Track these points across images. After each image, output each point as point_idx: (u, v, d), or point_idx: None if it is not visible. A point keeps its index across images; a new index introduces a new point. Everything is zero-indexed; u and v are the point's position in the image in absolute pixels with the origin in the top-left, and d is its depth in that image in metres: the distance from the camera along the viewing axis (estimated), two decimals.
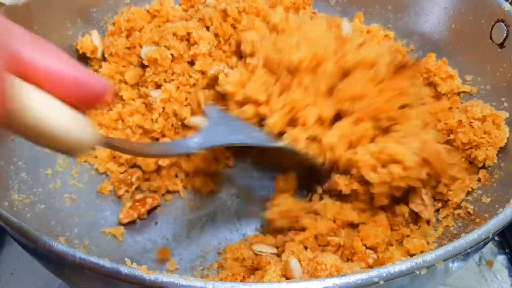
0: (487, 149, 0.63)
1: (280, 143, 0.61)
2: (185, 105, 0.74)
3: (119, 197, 0.72)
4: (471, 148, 0.64)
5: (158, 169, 0.74)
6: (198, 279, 0.39)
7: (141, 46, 0.76)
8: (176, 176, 0.75)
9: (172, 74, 0.73)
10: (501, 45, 0.68)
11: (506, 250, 0.79)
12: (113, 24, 0.82)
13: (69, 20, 0.80)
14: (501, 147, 0.63)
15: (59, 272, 0.53)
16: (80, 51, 0.78)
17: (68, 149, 0.35)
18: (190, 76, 0.73)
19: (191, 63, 0.74)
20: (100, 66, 0.78)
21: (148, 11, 0.83)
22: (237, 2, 0.74)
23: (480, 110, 0.64)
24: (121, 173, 0.73)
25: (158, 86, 0.74)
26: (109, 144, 0.44)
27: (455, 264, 0.52)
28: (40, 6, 0.73)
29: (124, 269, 0.40)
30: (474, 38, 0.73)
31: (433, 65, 0.73)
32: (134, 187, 0.72)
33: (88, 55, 0.78)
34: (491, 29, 0.69)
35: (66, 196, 0.69)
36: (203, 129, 0.60)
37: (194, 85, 0.74)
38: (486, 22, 0.70)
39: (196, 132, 0.63)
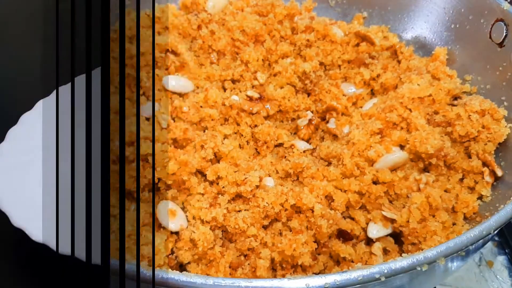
0: (485, 144, 0.62)
1: None
2: None
3: None
4: (468, 140, 0.63)
5: None
6: (198, 275, 0.39)
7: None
8: None
9: None
10: (501, 44, 0.68)
11: (506, 251, 0.79)
12: (114, 31, 0.83)
13: None
14: (500, 145, 0.63)
15: None
16: None
17: None
18: None
19: None
20: None
21: (148, 15, 0.83)
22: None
23: (479, 103, 0.63)
24: None
25: None
26: None
27: (454, 264, 0.52)
28: None
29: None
30: (473, 37, 0.73)
31: (432, 65, 0.73)
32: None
33: None
34: (491, 28, 0.70)
35: None
36: None
37: None
38: (485, 21, 0.71)
39: None
